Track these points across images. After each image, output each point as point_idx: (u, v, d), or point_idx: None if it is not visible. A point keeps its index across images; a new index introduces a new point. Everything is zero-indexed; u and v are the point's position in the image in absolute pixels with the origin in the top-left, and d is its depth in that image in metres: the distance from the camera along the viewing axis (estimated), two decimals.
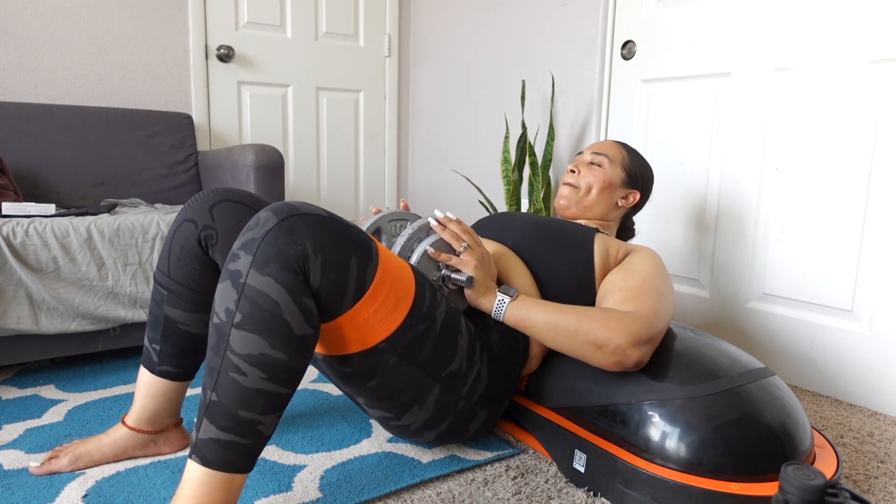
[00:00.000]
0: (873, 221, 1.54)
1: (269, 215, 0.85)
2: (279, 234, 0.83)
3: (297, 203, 0.88)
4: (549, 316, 1.08)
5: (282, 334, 0.82)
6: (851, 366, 1.60)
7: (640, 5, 2.04)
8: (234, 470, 0.84)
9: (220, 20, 2.52)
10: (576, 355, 1.08)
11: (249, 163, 1.87)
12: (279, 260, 0.82)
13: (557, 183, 2.36)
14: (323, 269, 0.85)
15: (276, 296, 0.81)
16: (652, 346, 1.06)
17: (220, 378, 0.83)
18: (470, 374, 1.07)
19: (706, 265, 1.92)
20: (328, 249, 0.85)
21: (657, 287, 1.14)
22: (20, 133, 2.03)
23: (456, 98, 2.81)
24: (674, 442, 0.98)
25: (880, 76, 1.50)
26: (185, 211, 1.11)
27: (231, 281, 0.83)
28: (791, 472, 0.68)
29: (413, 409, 1.05)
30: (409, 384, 1.01)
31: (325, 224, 0.87)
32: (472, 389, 1.09)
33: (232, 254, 0.85)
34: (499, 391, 1.15)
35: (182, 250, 1.10)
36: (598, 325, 1.05)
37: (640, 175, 1.45)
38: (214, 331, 0.84)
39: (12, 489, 1.06)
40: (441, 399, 1.06)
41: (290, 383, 0.85)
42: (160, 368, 1.13)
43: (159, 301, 1.13)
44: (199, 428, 0.84)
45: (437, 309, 1.01)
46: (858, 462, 1.26)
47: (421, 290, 0.98)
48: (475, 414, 1.12)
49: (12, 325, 1.44)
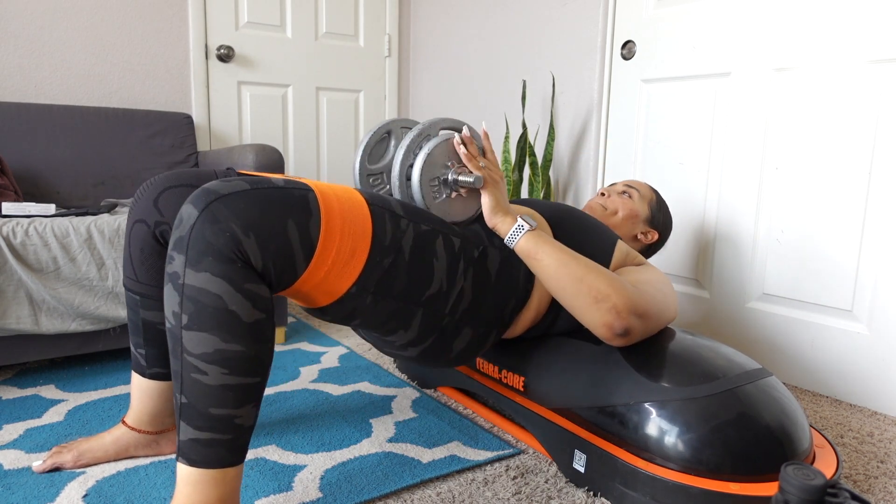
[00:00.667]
0: (873, 221, 1.54)
1: (190, 209, 0.81)
2: (204, 227, 0.79)
3: (216, 185, 0.83)
4: (562, 255, 1.06)
5: (231, 326, 0.80)
6: (851, 366, 1.60)
7: (640, 5, 2.04)
8: (222, 465, 0.84)
9: (220, 20, 2.52)
10: (572, 304, 1.05)
11: (249, 163, 1.87)
12: (211, 253, 0.79)
13: (557, 183, 2.36)
14: (260, 246, 0.81)
15: (216, 290, 0.79)
16: (643, 326, 1.06)
17: (183, 380, 0.82)
18: (452, 293, 1.03)
19: (706, 265, 1.92)
20: (259, 225, 0.81)
21: (662, 289, 1.15)
22: (20, 133, 2.03)
23: (456, 98, 2.80)
24: (673, 442, 0.99)
25: (880, 76, 1.50)
26: (132, 212, 1.09)
27: (172, 284, 0.81)
28: (791, 471, 0.68)
29: (399, 331, 1.03)
30: (391, 315, 0.98)
31: (248, 199, 0.82)
32: (455, 306, 1.05)
33: (168, 255, 0.83)
34: (484, 313, 1.10)
35: (142, 252, 1.09)
36: (604, 281, 1.04)
37: (661, 220, 1.50)
38: (169, 335, 0.83)
39: (12, 489, 1.06)
40: (425, 320, 1.03)
41: (255, 372, 0.84)
42: (150, 371, 1.13)
43: (134, 307, 1.12)
44: (179, 430, 0.84)
45: (403, 238, 0.96)
46: (858, 462, 1.26)
47: (379, 224, 0.93)
48: (459, 330, 1.08)
49: (12, 325, 1.44)
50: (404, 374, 1.67)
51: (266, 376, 0.86)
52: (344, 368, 1.71)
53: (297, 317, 2.24)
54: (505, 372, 1.32)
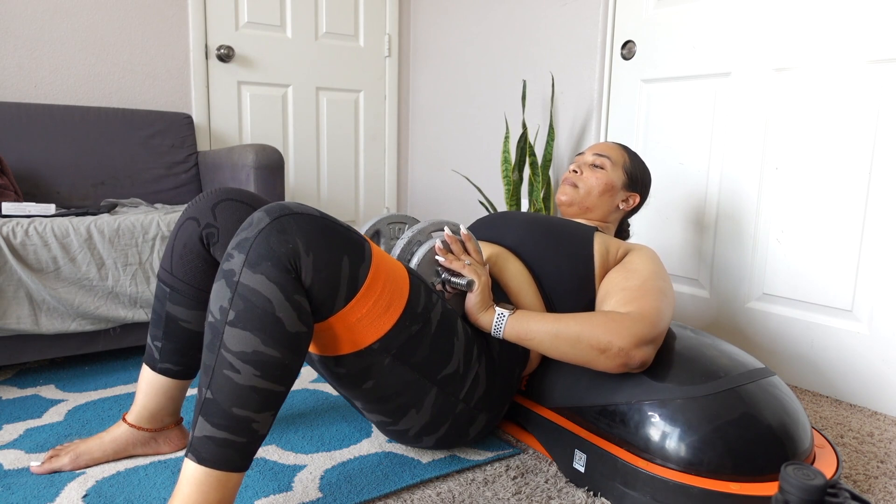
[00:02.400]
0: (873, 221, 1.54)
1: (262, 215, 0.86)
2: (271, 234, 0.84)
3: (290, 203, 0.88)
4: (549, 326, 1.08)
5: (275, 331, 0.83)
6: (851, 366, 1.60)
7: (640, 5, 2.04)
8: (230, 468, 0.84)
9: (220, 20, 2.52)
10: (580, 362, 1.07)
11: (249, 163, 1.87)
12: (271, 258, 0.83)
13: (557, 183, 2.36)
14: (315, 267, 0.85)
15: (268, 293, 0.82)
16: (655, 346, 1.07)
17: (214, 375, 0.83)
18: (467, 378, 1.07)
19: (706, 265, 1.92)
20: (320, 248, 0.86)
21: (658, 286, 1.14)
22: (20, 133, 2.03)
23: (456, 98, 2.81)
24: (674, 442, 0.99)
25: (880, 76, 1.50)
26: (188, 209, 1.12)
27: (225, 280, 0.84)
28: (791, 471, 0.68)
29: (410, 412, 1.05)
30: (404, 386, 1.01)
31: (316, 223, 0.87)
32: (471, 393, 1.09)
33: (226, 254, 0.86)
34: (498, 395, 1.15)
35: (185, 248, 1.11)
36: (600, 330, 1.04)
37: (640, 178, 1.46)
38: (209, 329, 0.85)
39: (12, 489, 1.06)
40: (438, 402, 1.06)
41: (284, 381, 0.86)
42: (161, 366, 1.13)
43: (162, 298, 1.13)
44: (195, 426, 0.85)
45: (433, 310, 1.01)
46: (858, 462, 1.26)
47: (415, 291, 0.98)
48: (474, 418, 1.12)
49: (12, 325, 1.44)
50: None
51: (289, 389, 0.88)
52: None
53: None
54: None
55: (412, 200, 3.12)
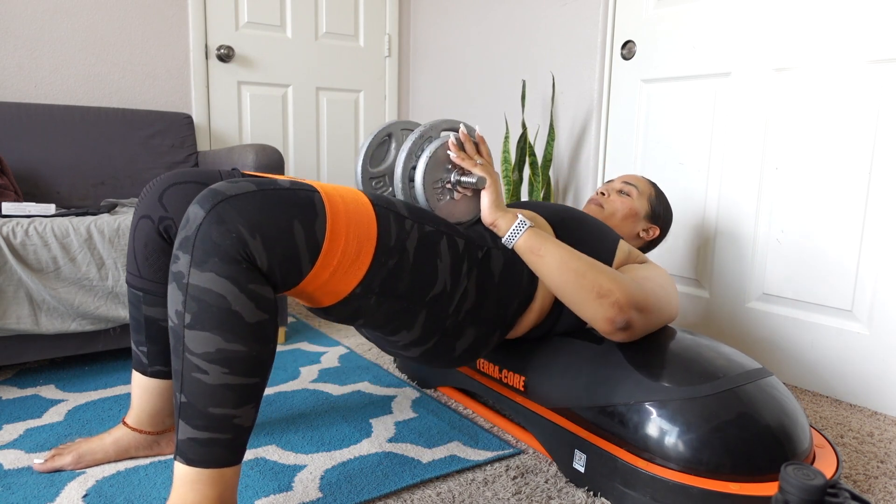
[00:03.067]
0: (873, 221, 1.54)
1: (197, 209, 0.82)
2: (210, 227, 0.80)
3: (223, 186, 0.83)
4: (563, 252, 1.06)
5: (234, 326, 0.81)
6: (851, 366, 1.60)
7: (640, 5, 2.04)
8: (220, 465, 0.84)
9: (220, 20, 2.52)
10: (574, 299, 1.05)
11: (249, 163, 1.87)
12: (217, 253, 0.79)
13: (557, 183, 2.36)
14: (266, 247, 0.81)
15: (220, 290, 0.80)
16: (645, 322, 1.07)
17: (184, 379, 0.82)
18: (455, 294, 1.04)
19: (706, 265, 1.92)
20: (265, 226, 0.81)
21: (664, 285, 1.16)
22: (20, 133, 2.03)
23: (456, 98, 2.80)
24: (673, 442, 0.99)
25: (880, 76, 1.50)
26: (138, 208, 1.10)
27: (176, 283, 0.82)
28: (791, 471, 0.68)
29: (402, 332, 1.03)
30: (395, 315, 0.99)
31: (255, 200, 0.82)
32: (459, 306, 1.05)
33: (173, 255, 0.83)
34: (488, 313, 1.10)
35: (146, 248, 1.09)
36: (606, 277, 1.05)
37: (662, 214, 1.50)
38: (171, 334, 0.83)
39: (12, 489, 1.06)
40: (429, 320, 1.03)
41: (256, 372, 0.84)
42: (152, 369, 1.13)
43: (136, 303, 1.12)
44: (177, 429, 0.84)
45: (408, 239, 0.96)
46: (858, 462, 1.26)
47: (384, 225, 0.93)
48: (462, 331, 1.08)
49: (12, 325, 1.44)
50: (404, 374, 1.67)
51: (266, 377, 0.87)
52: (344, 368, 1.71)
53: (297, 317, 2.24)
54: (505, 372, 1.32)
55: None
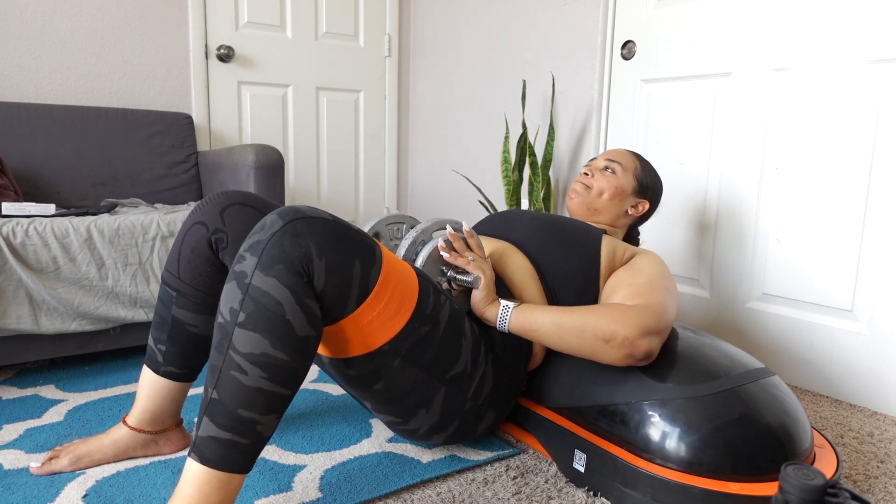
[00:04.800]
0: (873, 221, 1.54)
1: (275, 218, 0.86)
2: (284, 237, 0.84)
3: (303, 207, 0.89)
4: (554, 317, 1.08)
5: (284, 334, 0.83)
6: (851, 366, 1.60)
7: (640, 5, 2.04)
8: (233, 469, 0.84)
9: (220, 20, 2.52)
10: (585, 354, 1.07)
11: (249, 163, 1.87)
12: (284, 261, 0.83)
13: (557, 183, 2.36)
14: (327, 271, 0.86)
15: (279, 296, 0.82)
16: (661, 339, 1.07)
17: (221, 376, 0.83)
18: (475, 376, 1.08)
19: (706, 265, 1.92)
20: (332, 252, 0.86)
21: (664, 285, 1.16)
22: (20, 133, 2.03)
23: (456, 98, 2.80)
24: (674, 442, 0.99)
25: (880, 76, 1.50)
26: (195, 213, 1.12)
27: (236, 281, 0.85)
28: (791, 471, 0.68)
29: (420, 412, 1.06)
30: (414, 387, 1.02)
31: (329, 227, 0.88)
32: (478, 391, 1.09)
33: (238, 256, 0.86)
34: (504, 391, 1.15)
35: (192, 252, 1.10)
36: (605, 320, 1.05)
37: (650, 185, 1.47)
38: (218, 330, 0.85)
39: (12, 489, 1.06)
40: (447, 401, 1.06)
41: (291, 384, 0.86)
42: (165, 369, 1.13)
43: (167, 302, 1.13)
44: (199, 426, 0.85)
45: (441, 311, 1.01)
46: (858, 462, 1.26)
47: (424, 293, 0.99)
48: (482, 415, 1.13)
49: (12, 325, 1.44)
50: None
51: (295, 392, 0.89)
52: None
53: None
54: None
55: (412, 200, 3.12)
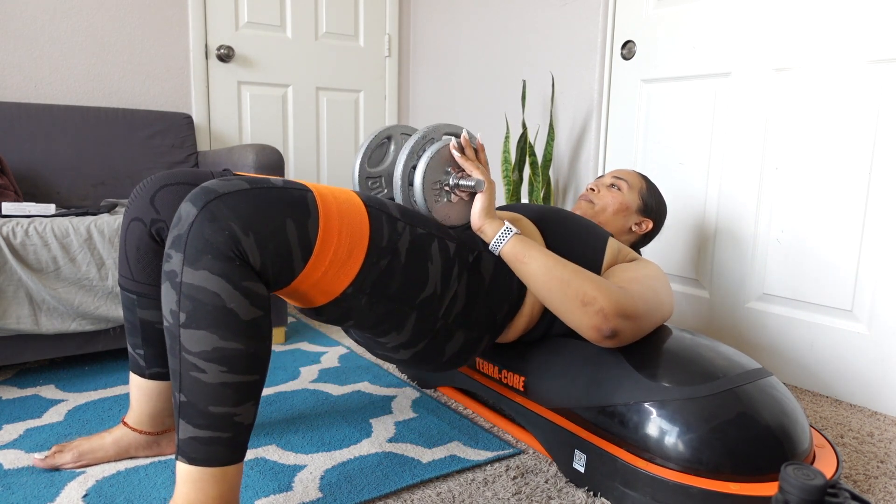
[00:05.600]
0: (873, 221, 1.54)
1: (189, 207, 0.81)
2: (203, 225, 0.79)
3: (215, 184, 0.83)
4: (547, 260, 1.07)
5: (230, 324, 0.80)
6: (851, 366, 1.60)
7: (640, 5, 2.04)
8: (222, 463, 0.84)
9: (220, 20, 2.52)
10: (559, 307, 1.06)
11: (249, 163, 1.87)
12: (210, 251, 0.79)
13: (557, 183, 2.37)
14: (259, 244, 0.81)
15: (214, 287, 0.79)
16: (633, 328, 1.06)
17: (182, 378, 0.82)
18: (445, 296, 1.04)
19: (706, 265, 1.92)
20: (258, 223, 0.81)
21: (655, 286, 1.15)
22: (20, 133, 2.03)
23: (456, 98, 2.80)
24: (673, 442, 0.99)
25: (880, 76, 1.50)
26: (128, 210, 1.09)
27: (169, 282, 0.81)
28: (791, 471, 0.68)
29: (391, 333, 1.03)
30: (385, 316, 0.99)
31: (248, 198, 0.82)
32: (449, 309, 1.05)
33: (165, 254, 0.83)
34: (477, 316, 1.11)
35: (138, 251, 1.08)
36: (591, 285, 1.04)
37: (654, 207, 1.49)
38: (167, 334, 0.83)
39: (12, 489, 1.06)
40: (419, 323, 1.03)
41: (254, 369, 0.84)
42: (150, 371, 1.12)
43: (130, 307, 1.11)
44: (178, 429, 0.84)
45: (400, 240, 0.97)
46: (858, 462, 1.26)
47: (377, 226, 0.94)
48: (451, 334, 1.09)
49: (12, 325, 1.44)
50: (404, 374, 1.67)
51: (264, 374, 0.87)
52: (344, 368, 1.71)
53: (297, 317, 2.24)
54: (505, 372, 1.32)
55: None
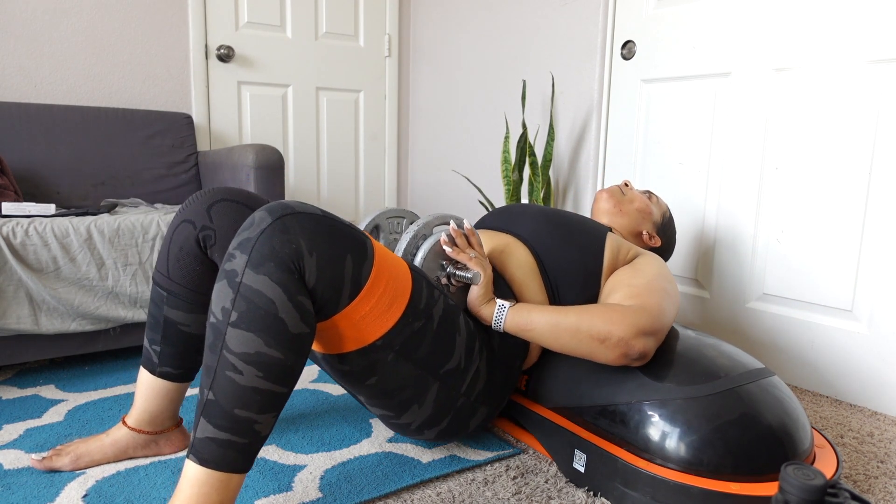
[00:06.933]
0: (873, 221, 1.54)
1: (264, 215, 0.85)
2: (274, 234, 0.83)
3: (292, 202, 0.88)
4: (549, 317, 1.08)
5: (277, 333, 0.82)
6: (851, 366, 1.60)
7: (640, 5, 2.04)
8: (232, 469, 0.84)
9: (220, 20, 2.52)
10: (580, 354, 1.08)
11: (249, 163, 1.87)
12: (274, 259, 0.82)
13: (557, 183, 2.36)
14: (318, 267, 0.85)
15: (271, 294, 0.82)
16: (657, 340, 1.07)
17: (216, 376, 0.83)
18: (468, 372, 1.07)
19: (706, 265, 1.92)
20: (323, 248, 0.85)
21: (664, 286, 1.16)
22: (20, 133, 2.03)
23: (456, 98, 2.80)
24: (674, 442, 0.99)
25: (880, 76, 1.50)
26: (182, 211, 1.11)
27: (227, 280, 0.84)
28: (791, 471, 0.68)
29: (413, 407, 1.05)
30: (407, 382, 1.01)
31: (319, 222, 0.87)
32: (472, 386, 1.09)
33: (228, 254, 0.85)
34: (498, 388, 1.15)
35: (181, 251, 1.10)
36: (600, 320, 1.05)
37: (667, 231, 1.55)
38: (211, 330, 0.85)
39: (12, 489, 1.06)
40: (440, 397, 1.06)
41: (286, 382, 0.86)
42: (161, 370, 1.13)
43: (159, 302, 1.12)
44: (197, 427, 0.84)
45: (435, 306, 1.01)
46: (858, 462, 1.26)
47: (418, 287, 0.98)
48: (475, 411, 1.13)
49: (12, 325, 1.44)
50: None
51: (292, 390, 0.88)
52: None
53: None
54: None
55: (412, 200, 3.12)
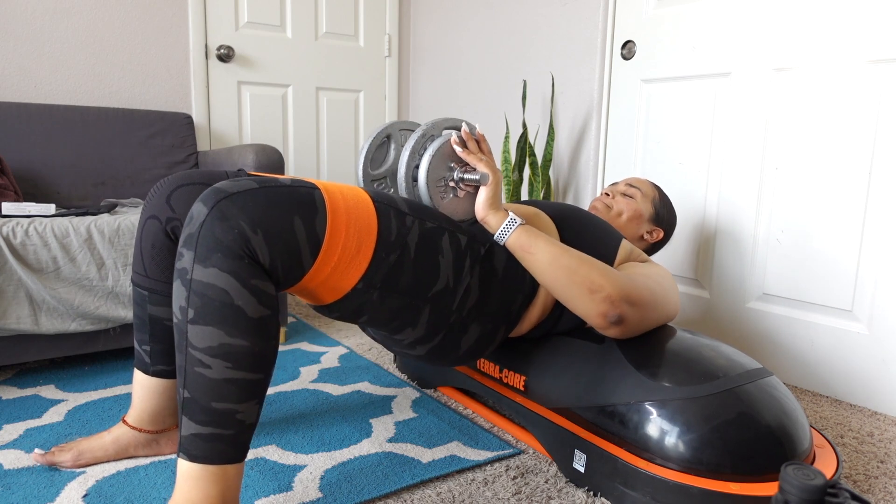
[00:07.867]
0: (873, 221, 1.54)
1: (200, 207, 0.84)
2: (214, 223, 0.82)
3: (225, 184, 0.85)
4: (553, 249, 1.07)
5: (237, 321, 0.82)
6: (851, 366, 1.60)
7: (640, 5, 2.04)
8: (223, 461, 0.84)
9: (220, 20, 2.52)
10: (566, 296, 1.06)
11: (249, 163, 1.87)
12: (220, 249, 0.81)
13: (557, 183, 2.36)
14: (267, 242, 0.83)
15: (223, 284, 0.81)
16: (638, 316, 1.07)
17: (187, 374, 0.83)
18: (458, 290, 1.04)
19: (706, 265, 1.92)
20: (266, 221, 0.83)
21: (662, 283, 1.16)
22: (20, 133, 2.03)
23: (456, 98, 2.80)
24: (673, 442, 0.99)
25: (880, 76, 1.50)
26: (145, 208, 1.11)
27: (180, 280, 0.83)
28: (791, 471, 0.68)
29: (406, 329, 1.03)
30: (398, 311, 0.99)
31: (256, 197, 0.84)
32: (462, 303, 1.06)
33: (178, 253, 0.85)
34: (491, 309, 1.11)
35: (153, 248, 1.10)
36: (597, 272, 1.06)
37: (665, 216, 1.53)
38: (175, 330, 0.85)
39: (12, 489, 1.06)
40: (433, 317, 1.03)
41: (259, 368, 0.85)
42: (154, 369, 1.13)
43: (141, 303, 1.12)
44: (181, 425, 0.85)
45: (409, 234, 0.97)
46: (858, 462, 1.26)
47: (385, 220, 0.94)
48: (466, 328, 1.09)
49: (12, 325, 1.44)
50: (404, 374, 1.67)
51: (269, 374, 0.87)
52: (344, 368, 1.71)
53: (298, 317, 2.24)
54: (506, 371, 1.32)
55: None
